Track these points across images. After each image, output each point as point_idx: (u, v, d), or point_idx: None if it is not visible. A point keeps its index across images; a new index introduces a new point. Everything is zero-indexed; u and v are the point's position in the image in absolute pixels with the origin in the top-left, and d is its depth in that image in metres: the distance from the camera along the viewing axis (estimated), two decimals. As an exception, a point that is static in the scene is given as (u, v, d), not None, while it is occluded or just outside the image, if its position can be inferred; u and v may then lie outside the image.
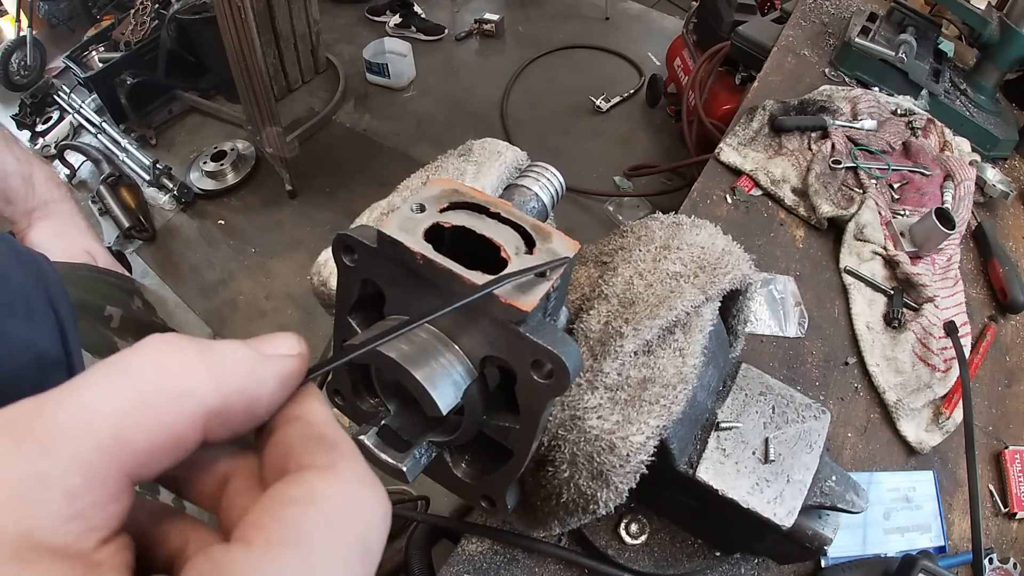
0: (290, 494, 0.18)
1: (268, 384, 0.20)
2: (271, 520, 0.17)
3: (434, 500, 1.14)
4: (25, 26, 2.65)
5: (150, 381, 0.17)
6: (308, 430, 0.20)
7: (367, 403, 0.39)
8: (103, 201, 2.18)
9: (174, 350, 0.18)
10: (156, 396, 0.17)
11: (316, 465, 0.19)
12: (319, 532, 0.17)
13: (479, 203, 0.33)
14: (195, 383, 0.18)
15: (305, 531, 0.17)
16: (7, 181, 0.64)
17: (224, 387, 0.18)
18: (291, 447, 0.20)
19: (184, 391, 0.18)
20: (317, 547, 0.17)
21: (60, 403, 0.16)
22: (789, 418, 0.51)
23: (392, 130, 2.67)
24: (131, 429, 0.17)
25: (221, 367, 0.19)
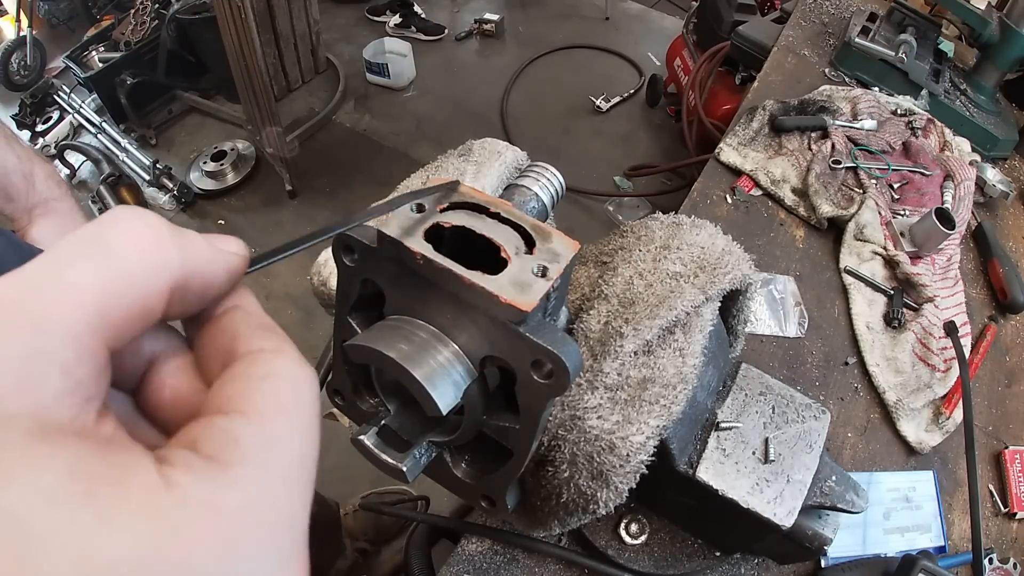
0: (258, 372, 0.20)
1: (220, 272, 0.21)
2: (254, 394, 0.19)
3: (434, 500, 1.14)
4: (25, 26, 2.65)
5: (128, 255, 0.18)
6: (251, 319, 0.22)
7: (367, 403, 0.39)
8: (103, 201, 2.17)
9: (147, 225, 0.19)
10: (134, 269, 0.18)
11: (268, 348, 0.20)
12: (292, 401, 0.19)
13: (479, 203, 0.33)
14: (167, 257, 0.19)
15: (282, 400, 0.19)
16: (8, 178, 0.64)
17: (189, 265, 0.19)
18: (238, 332, 0.21)
19: (158, 265, 0.19)
20: (294, 413, 0.19)
21: (47, 280, 0.17)
22: (789, 418, 0.51)
23: (392, 130, 2.67)
24: (114, 302, 0.17)
25: (188, 246, 0.20)
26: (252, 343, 0.21)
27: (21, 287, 0.17)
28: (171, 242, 0.19)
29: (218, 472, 0.17)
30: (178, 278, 0.19)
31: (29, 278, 0.17)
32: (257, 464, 0.17)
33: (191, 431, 0.18)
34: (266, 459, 0.18)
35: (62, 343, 0.16)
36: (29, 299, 0.16)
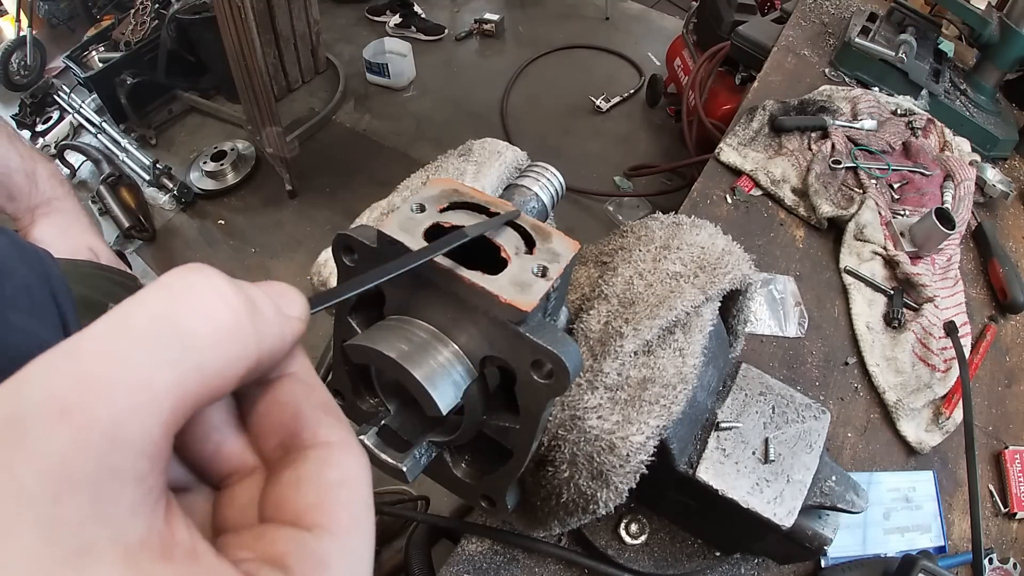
0: (333, 477, 0.19)
1: (288, 342, 0.19)
2: (334, 506, 0.18)
3: (434, 500, 1.14)
4: (25, 26, 2.65)
5: (205, 344, 0.16)
6: (312, 395, 0.20)
7: (367, 403, 0.39)
8: (103, 201, 2.17)
9: (223, 300, 0.17)
10: (213, 362, 0.16)
11: (336, 442, 0.20)
12: (366, 511, 0.19)
13: (479, 203, 0.33)
14: (246, 343, 0.17)
15: (360, 513, 0.19)
16: (11, 177, 0.64)
17: (264, 345, 0.18)
18: (300, 412, 0.20)
19: (238, 353, 0.17)
20: (367, 524, 0.19)
21: (115, 378, 0.14)
22: (789, 418, 0.51)
23: (392, 130, 2.67)
24: (190, 399, 0.16)
25: (263, 323, 0.18)
26: (319, 432, 0.19)
27: (83, 386, 0.14)
28: (248, 321, 0.17)
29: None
30: (254, 363, 0.18)
31: (91, 373, 0.14)
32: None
33: (275, 544, 0.17)
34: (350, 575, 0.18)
35: (138, 456, 0.14)
36: (97, 404, 0.14)
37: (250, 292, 0.18)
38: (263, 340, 0.18)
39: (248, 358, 0.17)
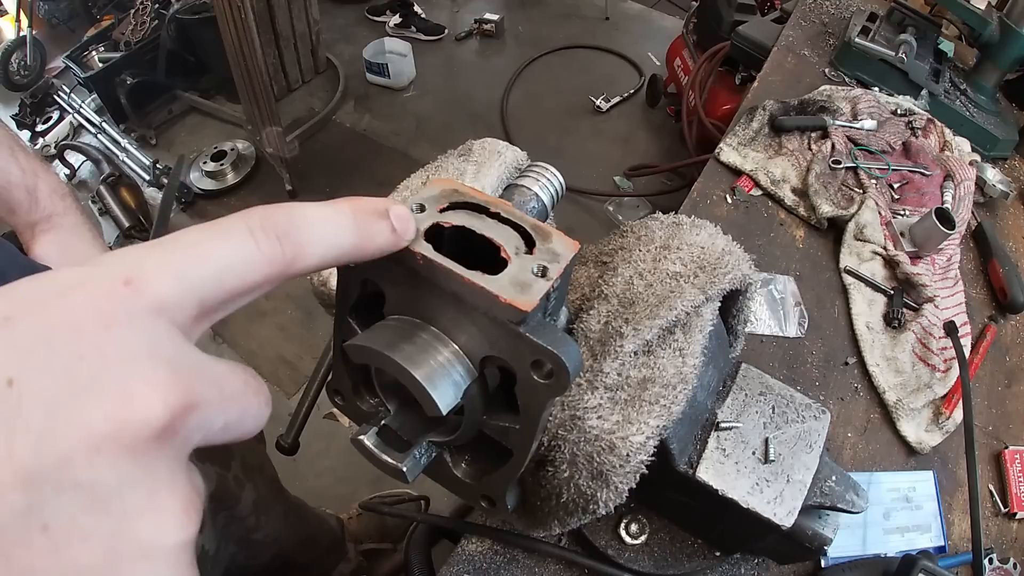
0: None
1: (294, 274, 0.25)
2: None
3: (434, 500, 1.14)
4: (25, 26, 2.65)
5: (226, 267, 0.22)
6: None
7: (367, 403, 0.39)
8: (103, 201, 2.17)
9: (248, 243, 0.22)
10: (229, 280, 0.22)
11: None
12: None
13: (479, 203, 0.33)
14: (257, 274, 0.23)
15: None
16: (10, 192, 0.63)
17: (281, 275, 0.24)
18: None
19: (249, 280, 0.22)
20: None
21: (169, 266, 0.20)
22: (789, 418, 0.51)
23: (392, 130, 2.67)
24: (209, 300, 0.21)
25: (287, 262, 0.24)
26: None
27: (140, 270, 0.20)
28: (262, 260, 0.23)
29: None
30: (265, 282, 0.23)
31: (146, 261, 0.20)
32: None
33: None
34: None
35: (177, 317, 0.21)
36: (150, 280, 0.20)
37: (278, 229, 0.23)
38: (276, 269, 0.23)
39: (257, 282, 0.22)
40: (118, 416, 0.17)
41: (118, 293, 0.19)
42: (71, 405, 0.17)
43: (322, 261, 0.25)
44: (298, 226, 0.24)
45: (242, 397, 0.22)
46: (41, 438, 0.16)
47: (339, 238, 0.25)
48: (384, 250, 0.28)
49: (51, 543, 0.17)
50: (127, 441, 0.18)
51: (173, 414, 0.18)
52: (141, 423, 0.18)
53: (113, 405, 0.17)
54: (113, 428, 0.17)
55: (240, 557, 0.88)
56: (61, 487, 0.17)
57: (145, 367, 0.19)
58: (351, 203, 0.26)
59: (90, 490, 0.17)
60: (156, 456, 0.18)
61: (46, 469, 0.16)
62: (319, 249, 0.24)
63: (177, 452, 0.19)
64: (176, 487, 0.19)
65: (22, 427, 0.16)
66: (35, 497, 0.16)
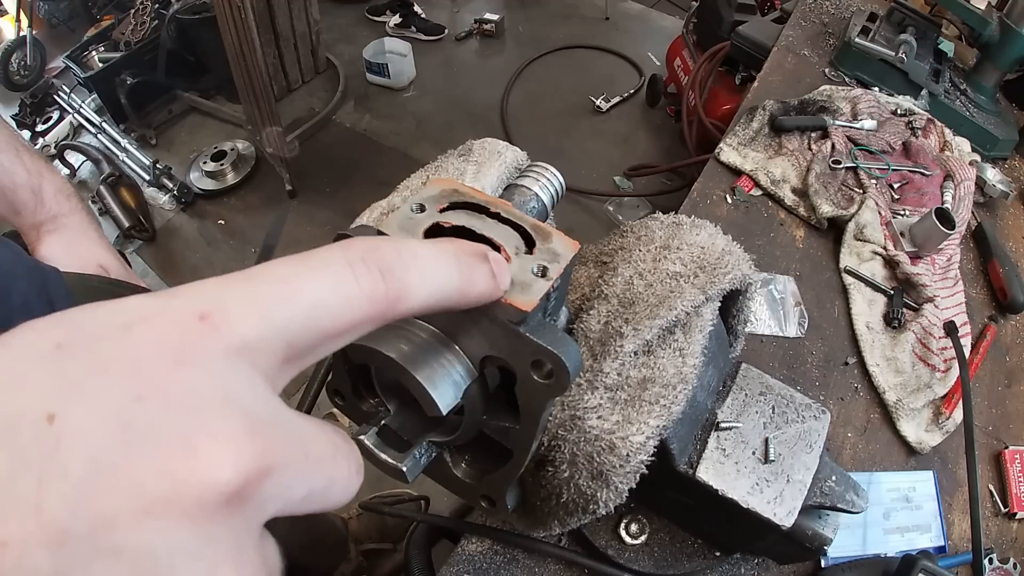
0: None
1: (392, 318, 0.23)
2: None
3: (434, 500, 1.14)
4: (25, 26, 2.65)
5: (319, 307, 0.19)
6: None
7: (367, 403, 0.39)
8: (103, 201, 2.17)
9: (346, 281, 0.20)
10: (321, 322, 0.19)
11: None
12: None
13: (479, 203, 0.33)
14: (351, 320, 0.20)
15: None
16: (16, 193, 0.63)
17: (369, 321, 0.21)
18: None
19: (343, 324, 0.20)
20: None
21: (254, 302, 0.18)
22: (789, 418, 0.51)
23: (392, 130, 2.67)
24: (297, 343, 0.19)
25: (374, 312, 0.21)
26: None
27: (221, 304, 0.18)
28: (361, 303, 0.20)
29: None
30: (357, 329, 0.20)
31: (231, 296, 0.18)
32: None
33: None
34: None
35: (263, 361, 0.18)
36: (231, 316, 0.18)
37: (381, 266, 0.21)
38: (367, 318, 0.20)
39: (352, 327, 0.20)
40: (178, 474, 0.15)
41: (191, 328, 0.16)
42: (121, 455, 0.14)
43: (425, 304, 0.22)
44: (404, 262, 0.21)
45: (330, 463, 0.19)
46: (79, 490, 0.14)
47: (445, 279, 0.23)
48: (483, 299, 0.25)
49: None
50: (186, 505, 0.15)
51: (246, 478, 0.16)
52: (206, 486, 0.15)
53: (173, 460, 0.15)
54: (170, 489, 0.15)
55: None
56: (98, 552, 0.14)
57: (216, 418, 0.16)
58: (453, 243, 0.24)
59: (133, 560, 0.14)
60: (221, 525, 0.16)
61: (81, 528, 0.14)
62: (424, 290, 0.22)
63: (247, 523, 0.16)
64: (243, 562, 0.16)
65: (57, 474, 0.14)
66: (64, 560, 0.14)
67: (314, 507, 0.19)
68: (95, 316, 0.16)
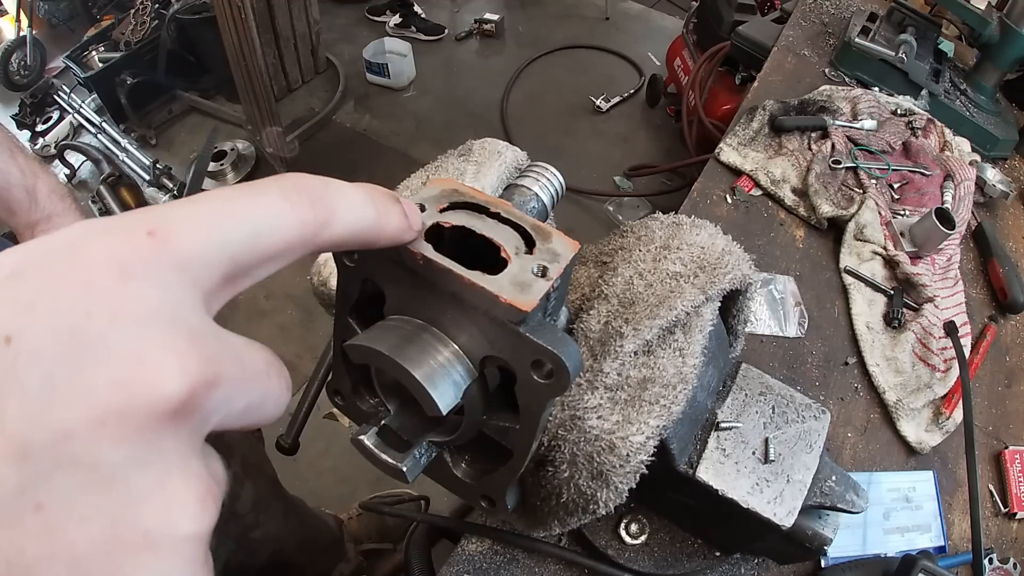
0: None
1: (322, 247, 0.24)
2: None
3: (434, 500, 1.14)
4: (25, 26, 2.65)
5: (261, 225, 0.20)
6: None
7: (367, 403, 0.39)
8: (103, 201, 2.17)
9: (286, 209, 0.21)
10: (262, 240, 0.20)
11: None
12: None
13: (479, 203, 0.33)
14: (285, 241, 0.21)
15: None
16: (10, 192, 0.63)
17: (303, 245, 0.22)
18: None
19: (278, 245, 0.21)
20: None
21: (196, 219, 0.19)
22: (789, 418, 0.51)
23: (392, 130, 2.67)
24: (239, 259, 0.20)
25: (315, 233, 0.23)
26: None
27: (165, 221, 0.18)
28: (294, 228, 0.21)
29: None
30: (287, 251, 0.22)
31: (176, 214, 0.19)
32: None
33: None
34: None
35: (202, 274, 0.19)
36: (176, 232, 0.18)
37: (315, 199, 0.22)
38: (306, 242, 0.22)
39: (285, 249, 0.21)
40: (128, 386, 0.15)
41: (139, 243, 0.17)
42: (74, 368, 0.15)
43: (347, 232, 0.24)
44: (330, 193, 0.23)
45: (264, 377, 0.20)
46: (38, 405, 0.15)
47: (363, 212, 0.24)
48: (396, 237, 0.27)
49: (45, 524, 0.15)
50: (137, 416, 0.16)
51: (192, 388, 0.16)
52: (155, 396, 0.16)
53: (123, 372, 0.15)
54: (121, 399, 0.15)
55: (239, 555, 0.88)
56: (58, 462, 0.15)
57: (163, 331, 0.16)
58: (366, 185, 0.26)
59: (91, 468, 0.15)
60: (169, 435, 0.16)
61: (42, 441, 0.15)
62: (347, 218, 0.23)
63: (193, 433, 0.17)
64: (190, 472, 0.17)
65: (17, 391, 0.15)
66: (29, 472, 0.15)
67: (251, 421, 0.20)
68: (46, 240, 0.17)
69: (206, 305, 0.19)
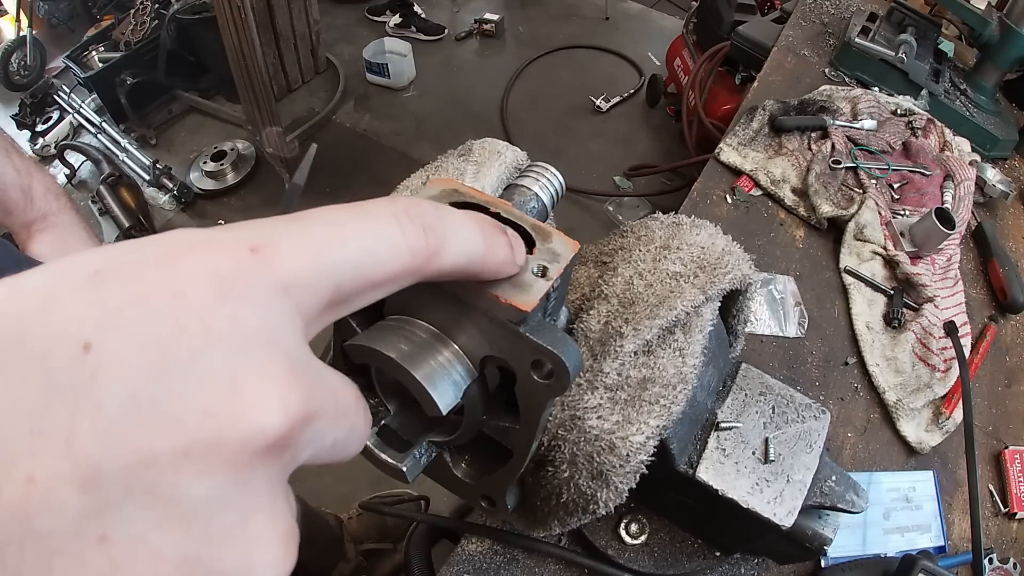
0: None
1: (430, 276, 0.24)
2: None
3: (434, 500, 1.14)
4: (25, 26, 2.65)
5: (366, 252, 0.19)
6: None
7: (367, 403, 0.39)
8: (103, 201, 2.17)
9: (395, 234, 0.20)
10: (367, 268, 0.19)
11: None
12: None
13: (479, 203, 0.33)
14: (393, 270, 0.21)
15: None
16: (6, 192, 0.63)
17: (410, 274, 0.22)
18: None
19: (386, 273, 0.20)
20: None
21: (303, 242, 0.18)
22: (789, 418, 0.51)
23: (392, 130, 2.67)
24: (343, 286, 0.19)
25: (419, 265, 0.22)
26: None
27: (270, 240, 0.17)
28: (405, 254, 0.20)
29: None
30: (395, 280, 0.21)
31: (280, 234, 0.18)
32: None
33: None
34: None
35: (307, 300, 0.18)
36: (279, 252, 0.18)
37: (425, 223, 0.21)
38: (412, 271, 0.21)
39: (391, 279, 0.20)
40: (222, 416, 0.14)
41: (242, 260, 0.16)
42: (162, 389, 0.13)
43: (455, 263, 0.22)
44: (443, 221, 0.21)
45: (354, 414, 0.19)
46: (116, 426, 0.13)
47: (473, 244, 0.23)
48: (500, 270, 0.25)
49: (108, 560, 0.13)
50: (229, 449, 0.14)
51: (292, 425, 0.15)
52: (251, 430, 0.14)
53: (217, 400, 0.14)
54: (213, 430, 0.14)
55: None
56: (131, 492, 0.13)
57: (262, 357, 0.15)
58: (476, 214, 0.25)
59: (169, 502, 0.13)
60: (259, 472, 0.15)
61: (116, 467, 0.13)
62: (456, 249, 0.22)
63: (283, 471, 0.16)
64: (276, 513, 0.16)
65: (92, 407, 0.13)
66: (95, 499, 0.13)
67: (336, 456, 0.19)
68: (138, 245, 0.15)
69: (305, 331, 0.17)
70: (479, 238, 0.24)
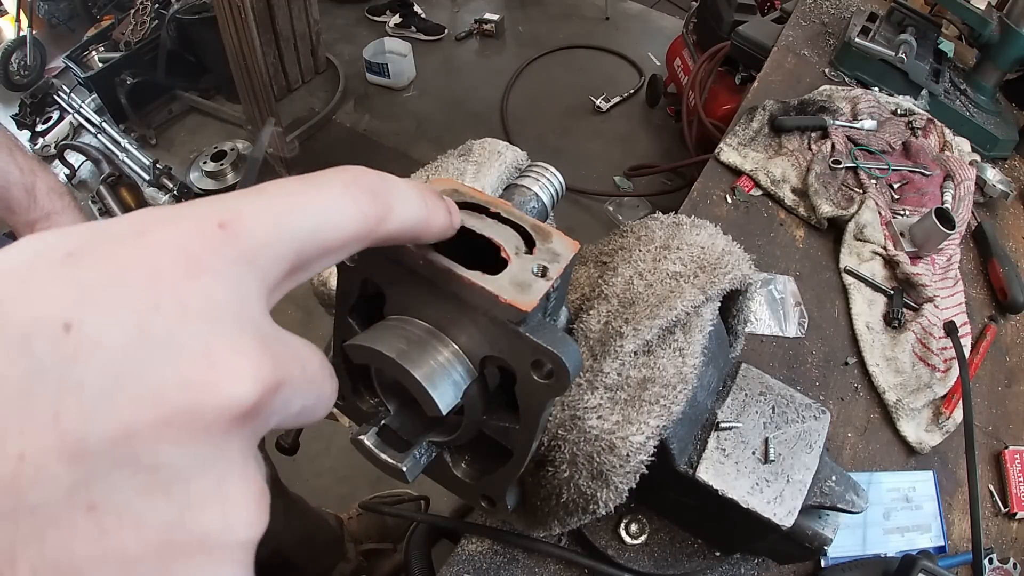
0: None
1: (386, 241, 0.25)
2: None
3: (434, 500, 1.14)
4: (25, 26, 2.65)
5: (323, 220, 0.20)
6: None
7: (367, 403, 0.39)
8: (103, 201, 2.17)
9: (348, 204, 0.21)
10: (324, 234, 0.20)
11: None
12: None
13: (479, 203, 0.33)
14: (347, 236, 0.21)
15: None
16: (9, 191, 0.63)
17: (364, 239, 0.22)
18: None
19: (340, 238, 0.21)
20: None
21: (262, 214, 0.18)
22: (789, 418, 0.51)
23: (392, 130, 2.67)
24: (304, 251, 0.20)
25: (377, 229, 0.23)
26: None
27: (235, 214, 0.18)
28: (359, 221, 0.21)
29: None
30: (347, 246, 0.21)
31: (241, 208, 0.18)
32: None
33: None
34: None
35: (270, 265, 0.19)
36: (246, 226, 0.18)
37: (381, 194, 0.22)
38: (367, 235, 0.22)
39: (344, 244, 0.21)
40: (198, 388, 0.15)
41: (211, 235, 0.16)
42: (141, 365, 0.14)
43: (400, 227, 0.23)
44: (388, 188, 0.23)
45: (320, 379, 0.20)
46: (97, 401, 0.14)
47: (416, 208, 0.24)
48: (439, 233, 0.27)
49: (96, 527, 0.14)
50: (205, 418, 0.15)
51: (263, 392, 0.16)
52: (226, 399, 0.15)
53: (193, 372, 0.15)
54: (191, 401, 0.15)
55: None
56: (116, 462, 0.14)
57: (233, 330, 0.16)
58: (414, 181, 0.26)
59: (151, 470, 0.15)
60: (232, 438, 0.16)
61: (101, 440, 0.14)
62: (402, 213, 0.23)
63: (253, 436, 0.17)
64: (248, 476, 0.17)
65: (75, 384, 0.14)
66: (82, 471, 0.14)
67: (303, 421, 0.20)
68: (107, 224, 0.16)
69: (268, 300, 0.18)
70: (421, 203, 0.25)
